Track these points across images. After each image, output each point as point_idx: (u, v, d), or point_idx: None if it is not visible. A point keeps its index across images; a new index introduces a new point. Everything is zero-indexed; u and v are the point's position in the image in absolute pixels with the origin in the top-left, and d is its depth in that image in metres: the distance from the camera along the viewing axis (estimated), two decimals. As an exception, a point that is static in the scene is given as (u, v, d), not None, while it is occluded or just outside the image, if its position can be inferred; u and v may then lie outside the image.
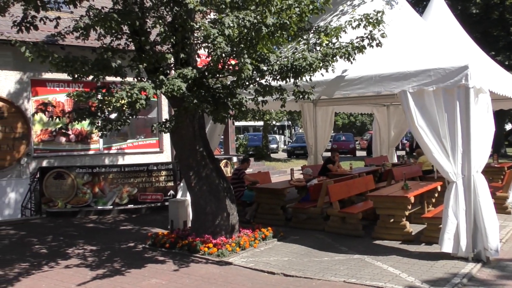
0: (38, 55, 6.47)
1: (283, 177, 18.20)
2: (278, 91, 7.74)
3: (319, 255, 7.72)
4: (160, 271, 7.12)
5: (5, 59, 13.29)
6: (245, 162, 11.35)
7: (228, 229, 8.31)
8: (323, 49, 7.47)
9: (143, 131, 16.02)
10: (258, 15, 6.56)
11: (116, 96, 6.36)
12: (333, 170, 12.54)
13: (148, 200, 12.17)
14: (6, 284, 6.61)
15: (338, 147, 32.81)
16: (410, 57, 7.90)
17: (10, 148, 13.32)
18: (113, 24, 6.68)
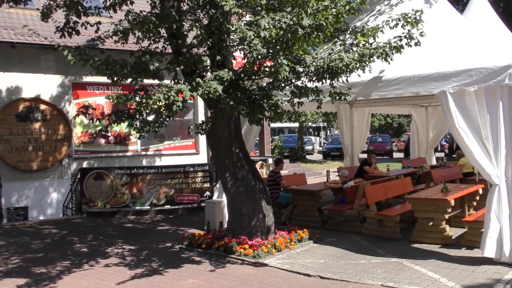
0: (79, 58, 6.65)
1: (318, 178, 18.09)
2: (314, 92, 7.70)
3: (356, 257, 7.63)
4: (196, 271, 7.19)
5: (48, 63, 13.74)
6: (279, 164, 11.35)
7: (264, 230, 8.31)
8: (359, 50, 7.39)
9: (179, 133, 16.25)
10: (294, 17, 6.55)
11: (153, 98, 6.47)
12: (370, 172, 12.37)
13: (184, 201, 12.32)
14: (49, 281, 6.82)
15: (375, 148, 32.31)
16: (450, 56, 7.72)
17: (52, 150, 13.75)
18: (151, 27, 6.79)
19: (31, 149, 13.47)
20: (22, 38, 12.99)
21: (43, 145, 13.63)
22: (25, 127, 13.41)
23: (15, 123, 13.28)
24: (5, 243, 9.13)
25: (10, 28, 13.30)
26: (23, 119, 13.42)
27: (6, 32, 13.10)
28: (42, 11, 8.60)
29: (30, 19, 13.77)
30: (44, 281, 6.81)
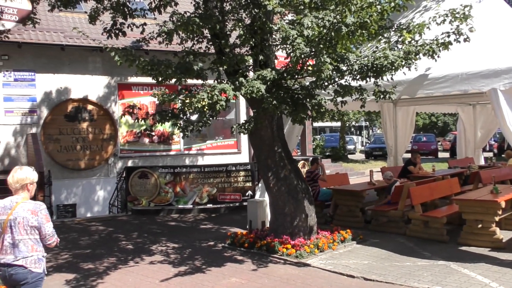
0: (126, 59, 6.80)
1: (361, 178, 17.83)
2: (357, 91, 7.59)
3: (401, 259, 7.47)
4: (239, 270, 7.22)
5: (95, 65, 14.15)
6: (315, 163, 11.28)
7: (306, 230, 8.26)
8: (405, 47, 7.23)
9: (221, 132, 16.39)
10: (337, 15, 6.48)
11: (197, 97, 6.54)
12: (415, 172, 12.10)
13: (227, 200, 12.40)
14: (96, 277, 7.01)
15: (419, 148, 31.56)
16: (500, 52, 7.46)
17: (99, 149, 14.15)
18: (195, 28, 6.87)
19: (79, 148, 13.90)
20: (71, 41, 13.43)
21: (90, 144, 14.05)
22: (74, 127, 13.86)
23: (64, 123, 13.75)
24: (55, 239, 9.45)
25: (60, 31, 13.78)
26: (72, 119, 13.88)
27: (56, 35, 13.58)
28: (89, 14, 8.87)
29: (78, 22, 14.21)
30: (92, 277, 7.01)
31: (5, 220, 4.11)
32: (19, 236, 4.10)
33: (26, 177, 4.26)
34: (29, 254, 4.12)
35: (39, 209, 4.18)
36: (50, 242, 4.25)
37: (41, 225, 4.16)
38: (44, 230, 4.17)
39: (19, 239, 4.10)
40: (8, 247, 4.11)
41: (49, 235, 4.21)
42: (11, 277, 4.09)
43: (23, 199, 4.20)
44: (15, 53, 13.14)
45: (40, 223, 4.16)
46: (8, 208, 4.15)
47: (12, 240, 4.10)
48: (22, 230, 4.11)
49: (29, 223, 4.13)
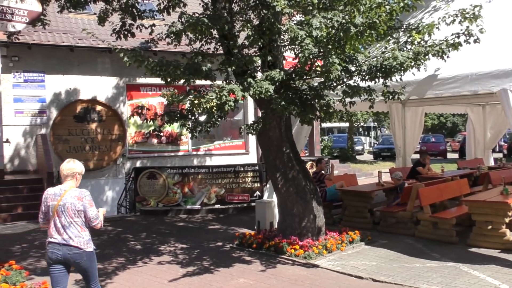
0: (135, 60, 6.83)
1: (369, 179, 17.77)
2: (366, 91, 7.57)
3: (410, 261, 7.44)
4: (247, 271, 7.23)
5: (104, 66, 14.23)
6: (319, 164, 11.27)
7: (314, 231, 8.25)
8: (414, 48, 7.19)
9: (229, 133, 16.41)
10: (346, 15, 6.46)
11: (206, 98, 6.55)
12: (424, 173, 12.03)
13: (235, 200, 12.41)
14: (105, 277, 7.03)
15: (428, 149, 31.37)
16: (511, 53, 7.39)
17: (107, 149, 14.23)
18: (204, 28, 6.88)
19: (88, 148, 13.99)
20: (80, 42, 13.53)
21: (99, 145, 14.13)
22: (83, 127, 13.95)
23: (73, 123, 13.84)
24: (64, 239, 9.50)
25: (69, 32, 13.88)
26: (81, 119, 13.97)
27: (65, 36, 13.67)
28: (98, 15, 8.91)
29: (88, 23, 14.29)
30: (100, 277, 7.00)
31: (56, 205, 4.70)
32: (69, 219, 4.70)
33: (77, 167, 4.89)
34: (80, 235, 4.71)
35: (84, 195, 4.76)
36: (95, 224, 4.82)
37: (86, 209, 4.73)
38: (88, 213, 4.74)
39: (69, 222, 4.70)
40: (60, 229, 4.70)
41: (93, 218, 4.77)
42: (66, 256, 4.69)
43: (70, 187, 4.79)
44: (25, 54, 13.25)
45: (85, 207, 4.73)
46: (58, 195, 4.73)
47: (62, 223, 4.69)
48: (71, 214, 4.70)
49: (76, 207, 4.71)
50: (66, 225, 4.68)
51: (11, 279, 6.40)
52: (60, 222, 4.69)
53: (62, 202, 4.69)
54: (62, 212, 4.68)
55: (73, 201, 4.69)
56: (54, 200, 4.72)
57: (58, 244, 4.67)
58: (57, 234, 4.69)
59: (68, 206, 4.68)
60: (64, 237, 4.67)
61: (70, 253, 4.67)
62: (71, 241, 4.66)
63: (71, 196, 4.71)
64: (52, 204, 4.71)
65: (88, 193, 4.80)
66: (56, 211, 4.69)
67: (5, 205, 11.52)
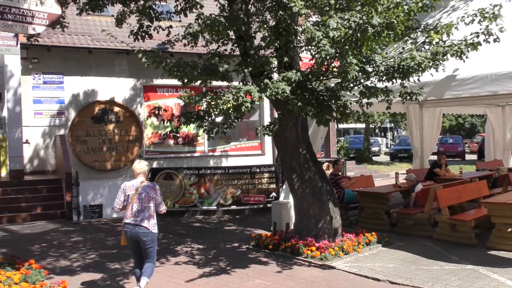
0: (152, 61, 6.87)
1: (386, 180, 17.65)
2: (383, 92, 7.51)
3: (427, 263, 7.36)
4: (263, 272, 7.22)
5: (121, 67, 14.35)
6: (336, 165, 11.19)
7: (331, 232, 8.21)
8: (433, 48, 7.12)
9: (245, 134, 16.42)
10: (363, 15, 6.42)
11: (223, 99, 6.57)
12: (441, 174, 11.91)
13: (251, 201, 12.41)
14: (122, 277, 7.09)
15: (445, 150, 30.98)
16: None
17: (125, 150, 14.35)
18: (221, 29, 6.90)
19: (105, 149, 14.11)
20: (98, 44, 13.67)
21: (117, 146, 14.25)
22: (100, 128, 14.08)
23: (91, 124, 13.98)
24: (82, 239, 9.61)
25: (87, 34, 14.04)
26: (98, 120, 14.10)
27: (83, 38, 13.83)
28: (116, 17, 9.00)
29: (105, 26, 14.43)
30: (118, 277, 7.10)
31: (134, 194, 5.99)
32: (145, 204, 5.97)
33: (146, 167, 6.29)
34: (149, 218, 5.94)
35: (155, 187, 6.16)
36: (161, 209, 6.14)
37: (157, 197, 6.08)
38: (158, 200, 6.09)
39: (144, 206, 5.96)
40: (136, 212, 5.93)
41: (161, 204, 6.13)
42: (137, 234, 5.91)
43: (142, 181, 6.11)
44: (44, 56, 13.44)
45: (156, 195, 6.07)
46: (135, 186, 6.05)
47: (139, 208, 5.94)
48: (146, 200, 5.98)
49: (150, 195, 6.01)
50: (140, 210, 5.93)
51: (31, 278, 6.49)
52: (136, 207, 5.93)
53: (140, 191, 5.98)
54: (139, 199, 5.95)
55: (149, 190, 6.03)
56: (132, 190, 6.02)
57: (132, 225, 5.93)
58: (132, 217, 5.94)
59: (145, 195, 5.98)
60: (137, 219, 5.91)
61: (140, 232, 5.90)
62: (143, 222, 5.90)
63: (147, 187, 6.05)
64: (131, 193, 6.00)
65: (158, 185, 6.21)
66: (134, 198, 5.95)
67: (25, 205, 11.68)
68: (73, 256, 8.27)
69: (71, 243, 9.26)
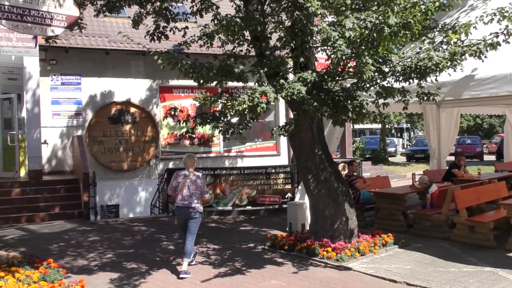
0: (168, 62, 6.91)
1: (402, 181, 17.49)
2: (400, 93, 7.45)
3: (445, 265, 7.28)
4: (279, 272, 7.22)
5: (137, 68, 14.47)
6: (351, 166, 11.13)
7: (347, 233, 8.18)
8: (450, 48, 7.03)
9: (260, 134, 16.43)
10: (380, 15, 6.38)
11: (239, 100, 6.58)
12: (459, 175, 11.77)
13: (266, 202, 12.40)
14: (139, 276, 7.14)
15: (463, 151, 30.58)
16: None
17: (141, 151, 14.46)
18: (236, 29, 6.91)
19: (122, 150, 14.25)
20: (115, 45, 13.80)
21: (133, 146, 14.38)
22: (117, 129, 14.22)
23: (108, 125, 14.13)
24: (100, 239, 9.70)
25: (104, 36, 14.18)
26: (115, 121, 14.24)
27: (100, 40, 13.98)
28: (133, 18, 9.07)
29: (122, 27, 14.57)
30: (135, 276, 7.15)
31: (184, 181, 7.30)
32: (193, 191, 7.27)
33: (194, 160, 7.62)
34: (196, 202, 7.28)
35: (202, 177, 7.52)
36: (206, 196, 7.54)
37: (202, 186, 7.38)
38: (203, 188, 7.38)
39: (192, 193, 7.26)
40: (186, 197, 7.26)
41: (206, 192, 7.52)
42: (186, 213, 7.27)
43: (191, 172, 7.37)
44: (62, 57, 13.62)
45: (202, 184, 7.37)
46: (186, 175, 7.34)
47: (187, 193, 7.25)
48: (194, 187, 7.26)
49: (197, 184, 7.30)
50: (189, 195, 7.24)
51: (50, 277, 6.57)
52: (185, 193, 7.25)
53: (189, 179, 7.29)
54: (189, 186, 7.24)
55: (197, 179, 7.32)
56: (182, 178, 7.33)
57: (182, 207, 7.29)
58: (182, 200, 7.28)
59: (193, 183, 7.27)
60: (186, 202, 7.25)
61: (188, 211, 7.25)
62: (191, 204, 7.24)
63: (195, 176, 7.34)
64: (182, 181, 7.30)
65: (202, 176, 7.61)
66: (184, 185, 7.26)
67: (43, 204, 11.84)
68: (90, 256, 8.36)
69: (89, 243, 9.35)
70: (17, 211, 11.40)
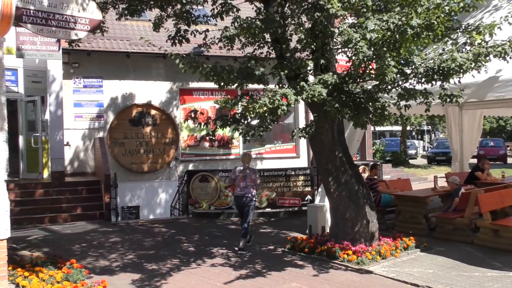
0: (190, 66, 6.94)
1: (423, 184, 17.30)
2: (422, 94, 7.36)
3: (468, 269, 7.17)
4: (299, 275, 7.19)
5: (158, 71, 14.60)
6: (374, 169, 11.02)
7: (367, 236, 8.11)
8: (474, 49, 6.92)
9: (280, 137, 16.42)
10: (403, 17, 6.32)
11: (259, 102, 6.58)
12: (482, 178, 11.59)
13: (286, 204, 12.38)
14: (160, 277, 7.19)
15: (486, 153, 30.16)
16: None
17: (161, 152, 14.57)
18: (257, 31, 6.92)
19: (143, 151, 14.37)
20: (136, 48, 13.95)
21: (153, 148, 14.49)
22: (138, 131, 14.36)
23: (128, 127, 14.27)
24: (121, 240, 9.79)
25: (126, 39, 14.33)
26: (136, 123, 14.38)
27: (122, 43, 14.13)
28: (154, 22, 9.16)
29: (143, 30, 14.72)
30: (156, 277, 7.20)
31: (242, 175, 8.70)
32: (249, 183, 8.66)
33: (251, 157, 9.16)
34: (251, 192, 8.69)
35: (256, 171, 9.21)
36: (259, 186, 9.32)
37: (256, 179, 8.82)
38: (257, 181, 8.87)
39: (248, 184, 8.65)
40: (243, 188, 8.65)
41: (259, 184, 9.16)
42: (243, 200, 8.69)
43: (247, 167, 8.80)
44: (84, 60, 13.81)
45: (256, 177, 8.80)
46: (242, 169, 8.77)
47: (244, 185, 8.65)
48: (249, 180, 8.66)
49: (252, 177, 8.70)
50: (245, 186, 8.63)
51: (72, 277, 6.65)
52: (242, 185, 8.63)
53: (246, 173, 8.68)
54: (246, 178, 8.63)
55: (252, 173, 8.76)
56: (240, 173, 8.71)
57: (240, 196, 8.71)
58: (240, 191, 8.66)
59: (249, 176, 8.67)
60: (243, 192, 8.64)
61: (245, 200, 8.66)
62: (247, 194, 8.62)
63: (251, 171, 8.79)
64: (239, 175, 8.70)
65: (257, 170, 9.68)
66: (241, 178, 8.65)
67: (65, 205, 12.00)
68: (112, 256, 8.44)
69: (110, 244, 9.45)
70: (41, 211, 11.58)
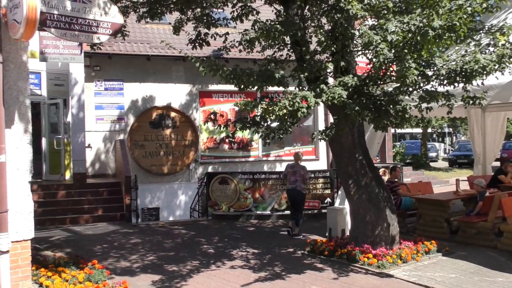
0: (210, 69, 6.97)
1: (444, 187, 17.06)
2: (444, 97, 7.27)
3: (491, 274, 7.05)
4: (319, 278, 7.16)
5: (177, 73, 14.71)
6: (394, 171, 10.91)
7: (388, 240, 8.03)
8: (498, 50, 6.81)
9: (299, 139, 16.38)
10: (424, 18, 6.26)
11: (279, 105, 6.58)
12: (506, 181, 11.37)
13: (305, 207, 12.29)
14: (180, 279, 7.23)
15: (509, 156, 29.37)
16: None
17: (181, 155, 14.67)
18: (277, 35, 6.92)
19: (162, 154, 14.49)
20: (156, 51, 14.07)
21: (173, 150, 14.60)
22: (158, 133, 14.48)
23: (149, 129, 14.40)
24: (141, 241, 9.88)
25: (146, 42, 14.47)
26: (156, 126, 14.51)
27: (142, 46, 14.28)
28: (174, 25, 9.23)
29: (163, 33, 14.85)
30: (176, 279, 7.24)
31: (292, 170, 9.93)
32: (298, 178, 9.79)
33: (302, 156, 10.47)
34: (300, 185, 9.82)
35: (305, 168, 10.10)
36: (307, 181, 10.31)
37: (304, 174, 9.94)
38: (305, 176, 9.99)
39: (296, 179, 9.80)
40: (292, 182, 9.84)
41: (307, 179, 10.19)
42: (293, 193, 9.89)
43: (297, 164, 9.99)
44: (105, 64, 13.98)
45: (304, 173, 9.91)
46: (294, 166, 10.00)
47: (294, 179, 9.81)
48: (298, 175, 9.79)
49: (300, 172, 9.83)
50: (295, 180, 9.78)
51: (94, 277, 6.73)
52: (293, 179, 9.81)
53: (295, 169, 9.89)
54: (294, 173, 9.81)
55: (300, 169, 9.89)
56: (291, 168, 9.97)
57: (291, 189, 9.89)
58: (290, 184, 9.86)
59: (298, 171, 9.83)
60: (293, 185, 9.81)
61: (295, 192, 9.83)
62: (297, 187, 9.78)
63: (299, 167, 9.92)
64: (290, 170, 9.94)
65: (305, 166, 10.17)
66: (291, 173, 9.86)
67: (87, 207, 12.15)
68: (132, 257, 8.52)
69: (131, 245, 9.54)
70: (62, 212, 11.75)
